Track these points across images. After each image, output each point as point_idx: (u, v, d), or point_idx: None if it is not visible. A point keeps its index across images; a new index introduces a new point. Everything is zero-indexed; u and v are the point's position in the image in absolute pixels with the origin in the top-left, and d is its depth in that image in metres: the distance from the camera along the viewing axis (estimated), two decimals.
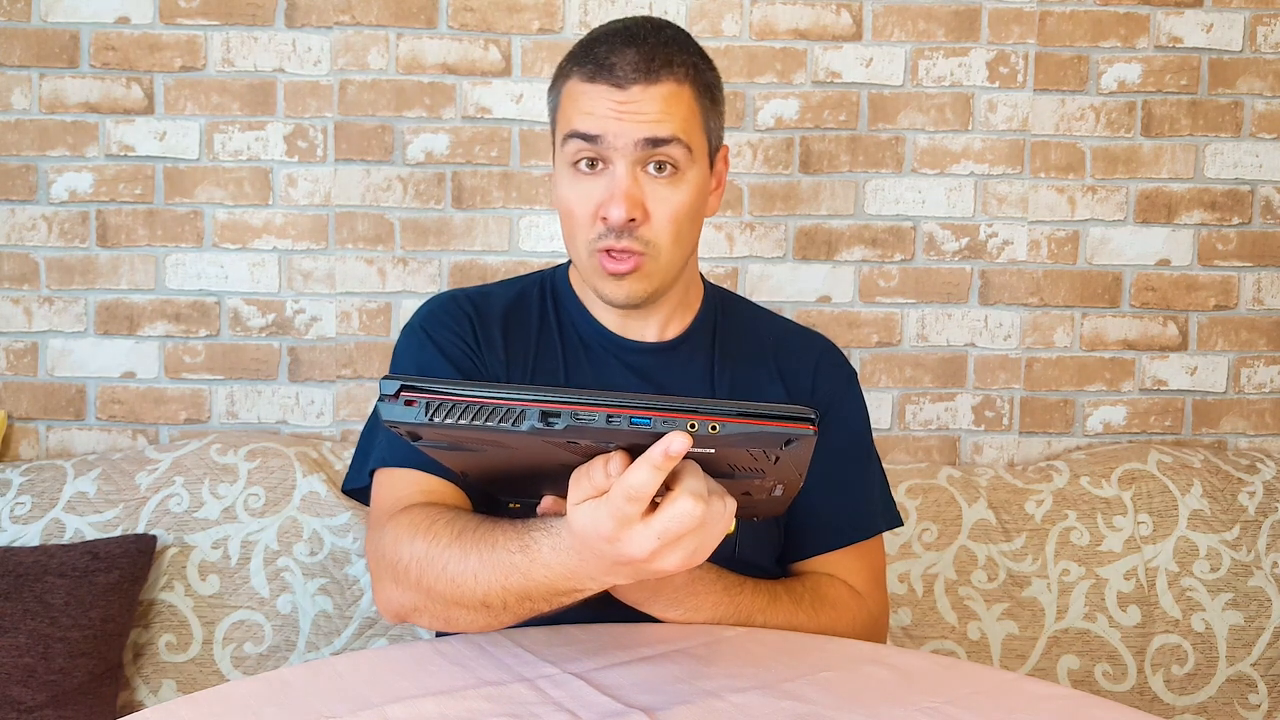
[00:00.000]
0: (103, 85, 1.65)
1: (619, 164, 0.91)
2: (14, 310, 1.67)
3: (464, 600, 0.77)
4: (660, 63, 0.90)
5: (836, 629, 0.95)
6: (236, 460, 1.53)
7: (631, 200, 0.90)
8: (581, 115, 0.91)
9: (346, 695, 0.72)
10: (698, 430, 0.58)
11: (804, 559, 1.03)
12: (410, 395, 0.59)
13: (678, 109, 0.91)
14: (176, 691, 1.42)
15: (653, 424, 0.58)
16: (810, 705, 0.72)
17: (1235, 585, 1.54)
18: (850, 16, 1.70)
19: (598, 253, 0.93)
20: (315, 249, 1.68)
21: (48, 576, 1.35)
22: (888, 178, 1.72)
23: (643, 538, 0.62)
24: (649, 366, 1.02)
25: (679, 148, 0.91)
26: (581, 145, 0.92)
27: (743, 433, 0.58)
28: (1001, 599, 1.52)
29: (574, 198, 0.94)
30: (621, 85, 0.90)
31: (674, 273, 0.97)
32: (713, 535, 0.64)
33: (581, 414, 0.58)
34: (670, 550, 0.63)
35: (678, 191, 0.92)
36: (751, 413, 0.58)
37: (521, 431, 0.58)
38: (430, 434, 0.61)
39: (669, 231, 0.93)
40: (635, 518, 0.61)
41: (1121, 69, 1.72)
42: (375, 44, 1.67)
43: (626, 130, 0.90)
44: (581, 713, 0.70)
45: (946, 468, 1.64)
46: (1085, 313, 1.75)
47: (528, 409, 0.58)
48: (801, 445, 0.59)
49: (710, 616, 0.86)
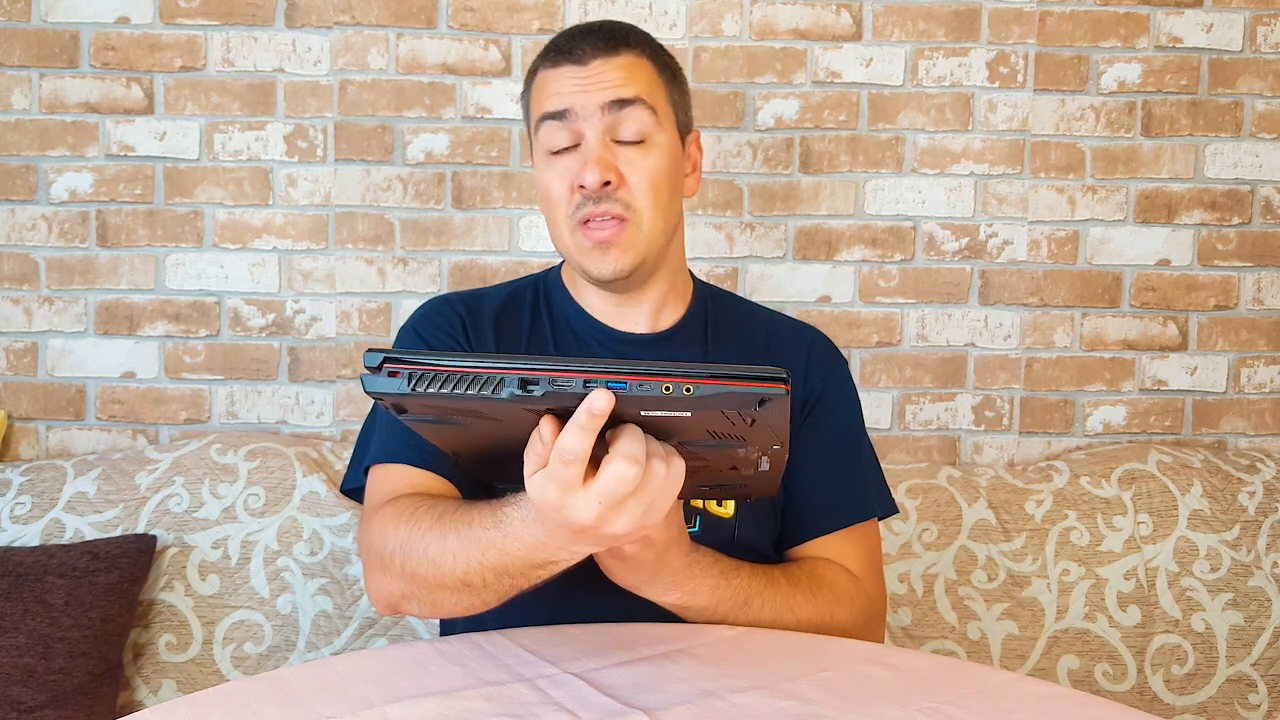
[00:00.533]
0: (103, 85, 1.65)
1: (589, 134, 0.94)
2: (14, 310, 1.67)
3: (445, 581, 0.78)
4: (618, 40, 0.96)
5: (834, 611, 0.95)
6: (236, 460, 1.53)
7: (604, 164, 0.93)
8: (548, 97, 0.96)
9: (346, 695, 0.72)
10: (672, 392, 0.59)
11: (800, 544, 1.04)
12: (393, 367, 0.60)
13: (638, 75, 0.96)
14: (176, 691, 1.42)
15: (629, 388, 0.59)
16: (810, 705, 0.72)
17: (1235, 585, 1.54)
18: (850, 16, 1.70)
19: (579, 226, 0.95)
20: (315, 249, 1.69)
21: (48, 576, 1.35)
22: (888, 178, 1.72)
23: (585, 503, 0.62)
24: (642, 357, 1.03)
25: (644, 109, 0.95)
26: (552, 125, 0.95)
27: (716, 393, 0.59)
28: (1001, 599, 1.52)
29: (550, 179, 0.96)
30: (583, 61, 0.94)
31: (658, 244, 0.98)
32: (661, 497, 0.64)
33: (559, 379, 0.59)
34: (615, 514, 0.63)
35: (649, 157, 0.95)
36: (724, 374, 0.59)
37: (501, 399, 0.59)
38: (414, 405, 0.62)
39: (647, 195, 0.95)
40: (575, 482, 0.62)
41: (1121, 69, 1.72)
42: (375, 44, 1.67)
43: (590, 99, 0.94)
44: (581, 713, 0.70)
45: (946, 468, 1.64)
46: (1085, 313, 1.75)
47: (507, 376, 0.59)
48: (775, 406, 0.60)
49: (709, 600, 0.87)
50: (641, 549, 0.78)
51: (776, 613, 0.90)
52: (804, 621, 0.92)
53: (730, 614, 0.88)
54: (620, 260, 0.95)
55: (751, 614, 0.89)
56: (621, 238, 0.95)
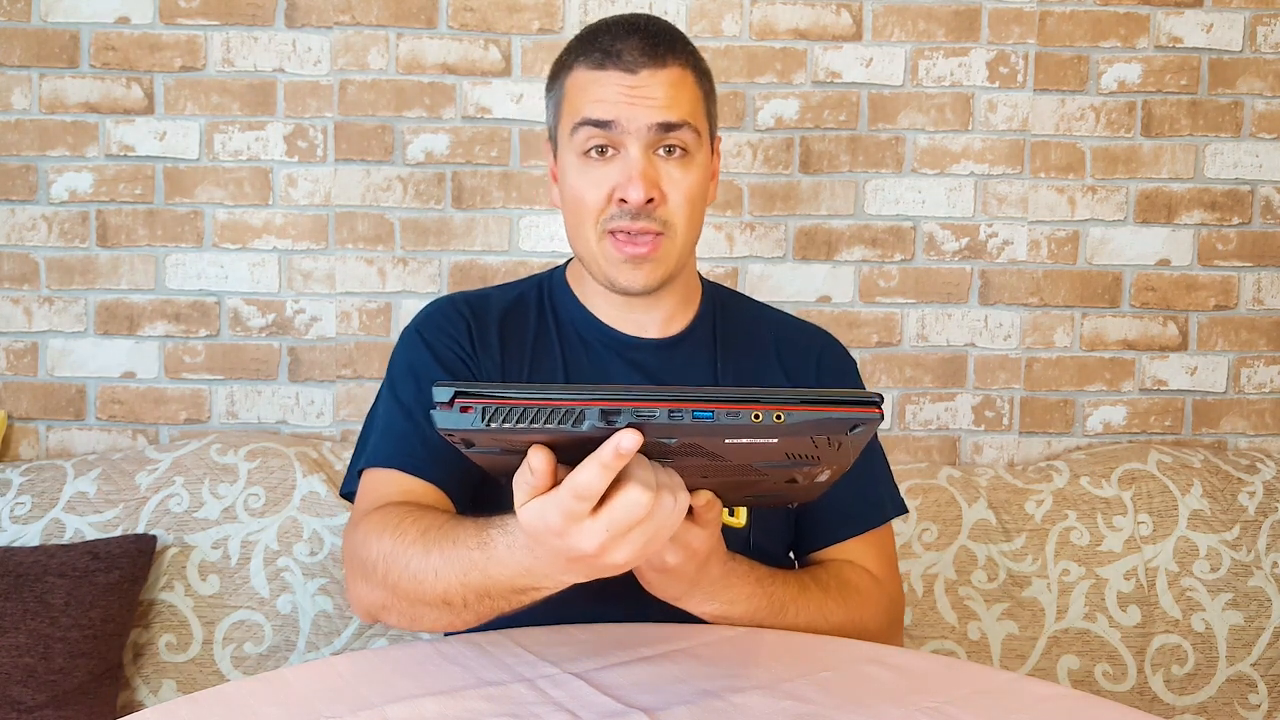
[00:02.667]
0: (103, 85, 1.65)
1: (632, 147, 0.92)
2: (14, 310, 1.67)
3: (426, 597, 0.77)
4: (665, 48, 0.93)
5: (863, 615, 0.95)
6: (236, 460, 1.53)
7: (649, 181, 0.92)
8: (592, 103, 0.92)
9: (346, 695, 0.72)
10: (762, 420, 0.56)
11: (819, 549, 1.04)
12: (465, 401, 0.57)
13: (684, 93, 0.93)
14: (176, 691, 1.42)
15: (715, 417, 0.57)
16: (810, 705, 0.72)
17: (1235, 585, 1.54)
18: (850, 16, 1.70)
19: (608, 235, 0.94)
20: (315, 249, 1.68)
21: (48, 576, 1.35)
22: (888, 178, 1.72)
23: (591, 531, 0.61)
24: (651, 363, 1.02)
25: (689, 132, 0.93)
26: (593, 132, 0.93)
27: (809, 420, 0.57)
28: (1001, 599, 1.52)
29: (584, 184, 0.94)
30: (632, 70, 0.92)
31: (685, 257, 0.98)
32: (663, 530, 0.63)
33: (642, 410, 0.57)
34: (620, 543, 0.62)
35: (689, 174, 0.94)
36: (816, 399, 0.57)
37: (582, 432, 0.57)
38: (485, 440, 0.59)
39: (684, 212, 0.94)
40: (584, 514, 0.61)
41: (1121, 69, 1.72)
42: (375, 44, 1.67)
43: (639, 115, 0.91)
44: (581, 713, 0.70)
45: (946, 468, 1.64)
46: (1085, 313, 1.75)
47: (587, 409, 0.57)
48: (866, 429, 0.58)
49: (746, 610, 0.86)
50: (684, 560, 0.76)
51: (810, 619, 0.90)
52: (836, 626, 0.91)
53: (766, 622, 0.87)
54: (653, 275, 0.95)
55: (786, 621, 0.89)
56: (657, 253, 0.94)
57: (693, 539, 0.73)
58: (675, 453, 0.62)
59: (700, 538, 0.74)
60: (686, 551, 0.75)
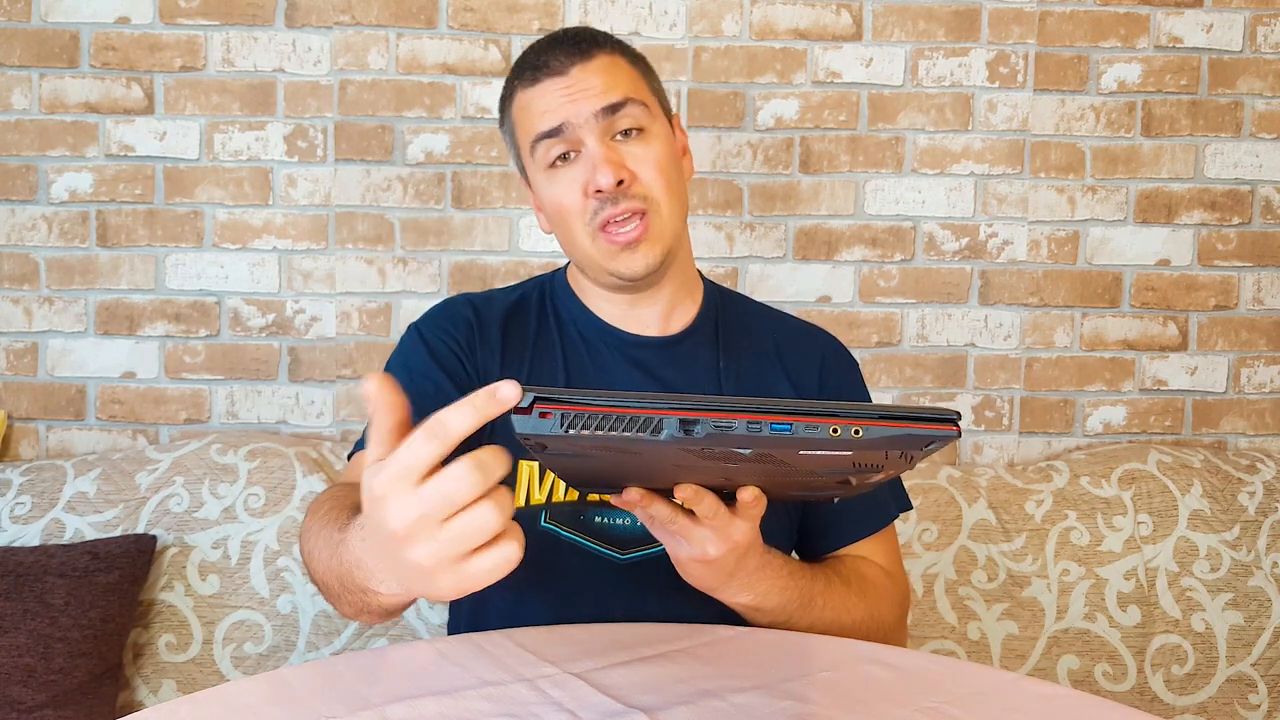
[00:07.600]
0: (103, 85, 1.65)
1: (589, 141, 0.94)
2: (14, 310, 1.67)
3: (315, 578, 0.77)
4: (588, 44, 0.97)
5: (880, 610, 0.96)
6: (236, 460, 1.53)
7: (614, 164, 0.93)
8: (538, 116, 0.95)
9: (346, 695, 0.72)
10: (840, 435, 0.56)
11: (830, 550, 1.05)
12: (545, 408, 0.56)
13: (619, 75, 0.96)
14: (176, 691, 1.42)
15: (793, 429, 0.57)
16: (810, 705, 0.72)
17: (1235, 585, 1.54)
18: (850, 16, 1.70)
19: (599, 231, 0.95)
20: (315, 249, 1.68)
21: (48, 576, 1.35)
22: (888, 178, 1.72)
23: (404, 504, 0.54)
24: (652, 361, 1.02)
25: (635, 106, 0.96)
26: (549, 143, 0.95)
27: (886, 435, 0.57)
28: (1001, 599, 1.52)
29: (559, 192, 0.96)
30: (563, 72, 0.95)
31: (678, 229, 0.99)
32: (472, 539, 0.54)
33: (721, 421, 0.57)
34: (426, 533, 0.54)
35: (651, 147, 0.96)
36: (894, 414, 0.57)
37: (659, 441, 0.57)
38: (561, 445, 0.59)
39: (660, 185, 0.96)
40: (412, 476, 0.54)
41: (1121, 69, 1.72)
42: (375, 44, 1.67)
43: (582, 108, 0.94)
44: (581, 713, 0.70)
45: (946, 468, 1.64)
46: (1085, 313, 1.75)
47: (666, 418, 0.56)
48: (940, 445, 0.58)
49: (778, 601, 0.86)
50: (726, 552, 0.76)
51: (835, 613, 0.91)
52: (858, 621, 0.92)
53: (795, 614, 0.88)
54: (650, 253, 0.96)
55: (814, 615, 0.89)
56: (648, 232, 0.95)
57: (735, 531, 0.73)
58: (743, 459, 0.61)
59: (742, 530, 0.74)
60: (729, 544, 0.75)
